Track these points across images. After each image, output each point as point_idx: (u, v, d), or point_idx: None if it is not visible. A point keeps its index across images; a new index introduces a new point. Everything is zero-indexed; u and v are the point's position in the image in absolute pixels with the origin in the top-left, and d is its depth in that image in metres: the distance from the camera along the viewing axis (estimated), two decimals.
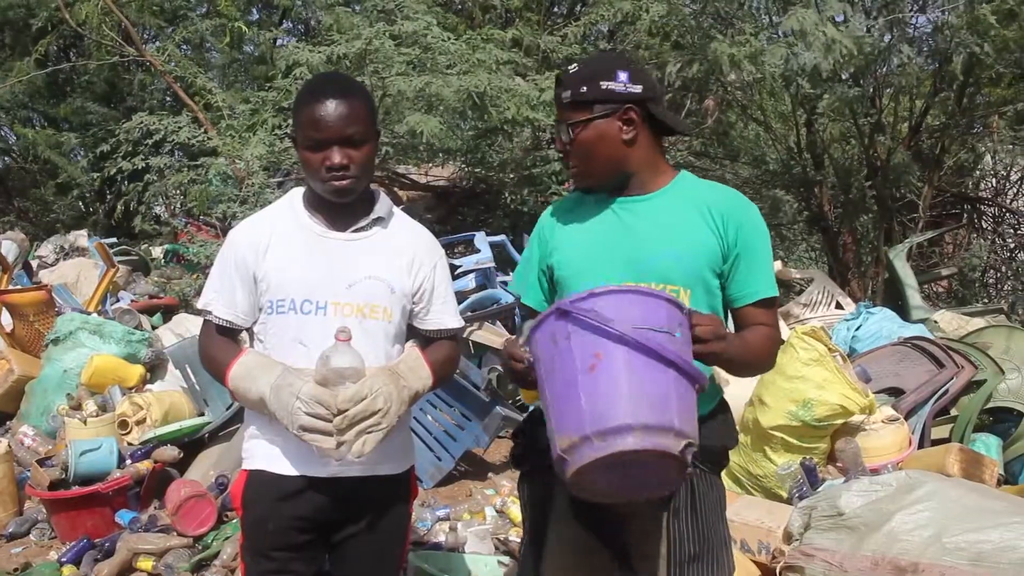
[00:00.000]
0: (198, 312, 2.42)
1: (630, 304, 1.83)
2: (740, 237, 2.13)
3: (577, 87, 2.13)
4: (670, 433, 1.77)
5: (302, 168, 2.30)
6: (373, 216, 2.34)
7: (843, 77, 7.13)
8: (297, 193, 2.40)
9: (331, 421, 2.08)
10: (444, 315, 2.44)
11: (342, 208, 2.31)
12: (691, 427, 1.82)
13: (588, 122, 2.12)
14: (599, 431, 1.75)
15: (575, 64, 2.20)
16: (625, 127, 2.13)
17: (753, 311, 2.17)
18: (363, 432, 2.10)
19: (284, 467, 2.26)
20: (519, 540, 4.12)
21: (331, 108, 2.17)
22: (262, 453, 2.30)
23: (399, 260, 2.35)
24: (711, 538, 2.15)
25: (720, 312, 2.19)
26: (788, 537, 3.56)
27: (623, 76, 2.11)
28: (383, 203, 2.39)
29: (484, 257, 6.44)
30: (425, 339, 2.45)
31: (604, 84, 2.11)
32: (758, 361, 2.17)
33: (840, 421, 4.28)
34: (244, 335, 2.43)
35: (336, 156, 2.18)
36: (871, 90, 7.17)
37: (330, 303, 2.25)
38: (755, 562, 3.60)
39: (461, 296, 6.32)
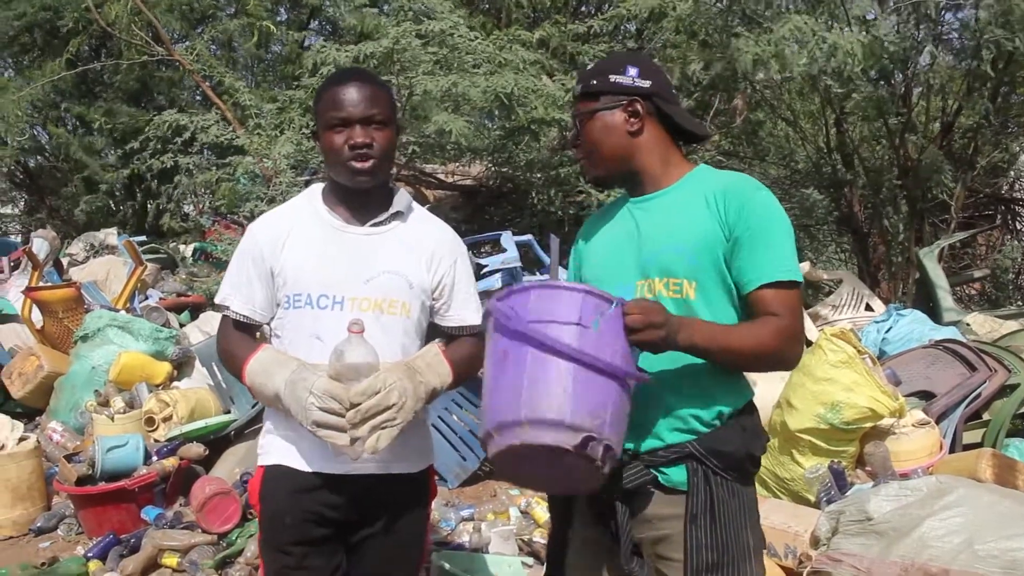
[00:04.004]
0: (219, 308, 2.39)
1: (539, 299, 1.86)
2: (741, 218, 2.02)
3: (588, 80, 2.18)
4: (560, 427, 1.77)
5: (323, 154, 2.29)
6: (392, 210, 2.33)
7: (872, 76, 7.04)
8: (316, 188, 2.39)
9: (344, 416, 2.05)
10: (466, 311, 2.41)
11: (361, 202, 2.30)
12: (592, 421, 1.79)
13: (593, 112, 2.16)
14: (494, 426, 1.82)
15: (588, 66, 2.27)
16: (631, 119, 2.15)
17: (762, 297, 2.01)
18: (377, 428, 2.07)
19: (300, 463, 2.26)
20: (543, 541, 4.11)
21: (354, 89, 2.20)
22: (278, 449, 2.30)
23: (418, 255, 2.33)
24: (731, 547, 2.06)
25: (733, 301, 2.08)
26: (815, 542, 3.53)
27: (632, 71, 2.15)
28: (402, 198, 2.37)
29: (510, 257, 6.39)
30: (448, 337, 2.42)
31: (612, 77, 2.16)
32: (753, 353, 2.00)
33: (869, 424, 4.22)
34: (265, 330, 2.42)
35: (359, 134, 2.19)
36: (901, 89, 7.08)
37: (347, 298, 2.23)
38: (781, 566, 3.56)
39: (487, 296, 6.29)
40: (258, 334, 2.41)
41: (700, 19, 6.96)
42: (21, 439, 4.79)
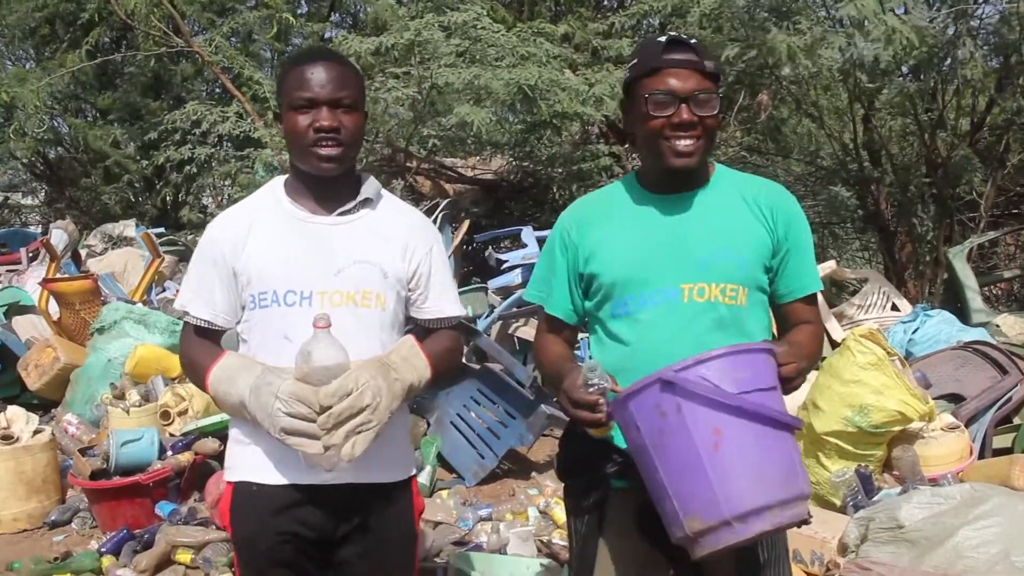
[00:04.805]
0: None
1: (737, 366, 1.75)
2: (790, 232, 2.06)
3: (713, 59, 2.02)
4: (801, 500, 1.74)
5: (286, 138, 2.14)
6: (360, 198, 2.17)
7: (903, 71, 6.94)
8: (279, 180, 2.24)
9: (315, 421, 1.89)
10: (443, 302, 2.24)
11: (327, 190, 2.14)
12: (809, 482, 1.78)
13: (718, 96, 2.02)
14: (738, 515, 1.69)
15: (684, 36, 2.06)
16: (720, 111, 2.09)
17: (800, 307, 2.11)
18: (352, 432, 1.90)
19: (271, 476, 2.07)
20: (563, 543, 4.04)
21: (322, 68, 2.05)
22: (246, 463, 2.13)
23: (391, 243, 2.16)
24: (777, 544, 2.09)
25: (768, 309, 2.11)
26: (843, 549, 3.45)
27: None
28: (371, 184, 2.21)
29: (531, 252, 6.36)
30: (425, 331, 2.26)
31: (715, 65, 2.05)
32: (813, 363, 2.10)
33: (898, 428, 4.15)
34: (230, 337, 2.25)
35: (326, 117, 2.03)
36: (932, 85, 6.96)
37: (316, 292, 2.07)
38: (808, 573, 3.48)
39: (507, 291, 6.24)
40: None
41: (726, 13, 6.85)
42: (36, 432, 4.75)
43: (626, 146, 8.23)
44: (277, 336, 2.07)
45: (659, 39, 2.02)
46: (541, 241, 6.75)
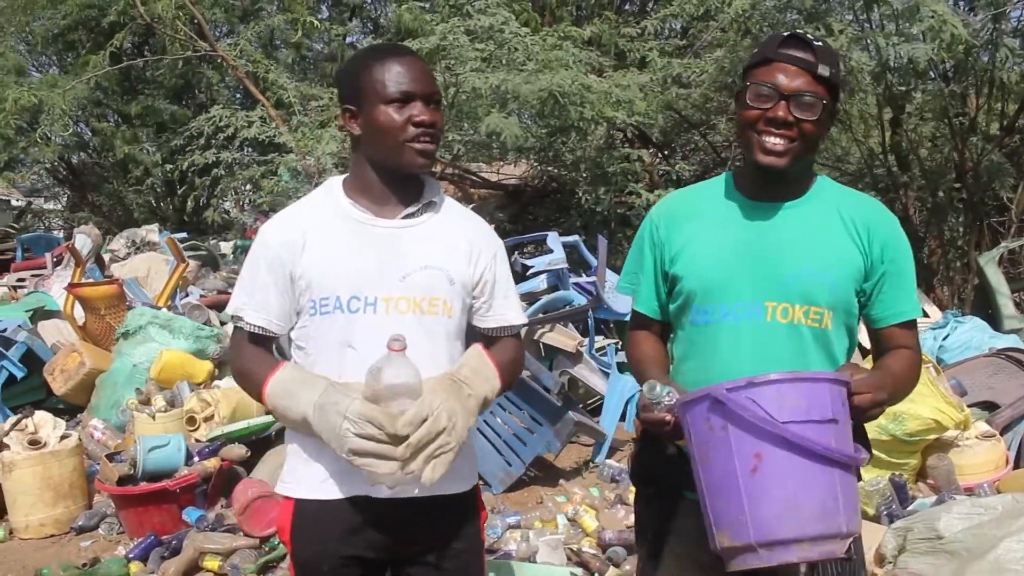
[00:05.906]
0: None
1: (792, 394, 1.69)
2: (886, 254, 1.98)
3: (834, 66, 1.94)
4: (837, 539, 1.69)
5: (370, 134, 2.00)
6: (424, 200, 2.08)
7: (932, 76, 6.88)
8: (336, 181, 2.14)
9: (384, 442, 1.83)
10: (507, 310, 2.15)
11: (391, 193, 2.05)
12: (856, 521, 1.72)
13: (828, 103, 1.94)
14: (764, 542, 1.67)
15: (810, 36, 1.98)
16: (831, 120, 2.00)
17: (897, 332, 2.01)
18: (431, 457, 1.85)
19: (333, 491, 2.01)
20: (592, 551, 4.00)
21: (414, 63, 1.98)
22: (309, 479, 2.05)
23: (457, 248, 2.07)
24: (855, 560, 2.00)
25: (855, 330, 2.03)
26: (880, 559, 3.40)
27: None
28: (434, 187, 2.13)
29: (556, 258, 6.30)
30: (487, 339, 2.17)
31: (840, 72, 1.97)
32: (906, 392, 2.00)
33: (933, 436, 4.09)
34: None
35: (424, 112, 1.95)
36: (965, 87, 6.88)
37: (380, 298, 1.98)
38: None
39: (532, 297, 6.20)
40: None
41: (756, 15, 6.80)
42: (63, 436, 4.75)
43: (651, 150, 8.18)
44: (339, 344, 1.99)
45: (783, 33, 1.98)
46: (566, 247, 6.71)
